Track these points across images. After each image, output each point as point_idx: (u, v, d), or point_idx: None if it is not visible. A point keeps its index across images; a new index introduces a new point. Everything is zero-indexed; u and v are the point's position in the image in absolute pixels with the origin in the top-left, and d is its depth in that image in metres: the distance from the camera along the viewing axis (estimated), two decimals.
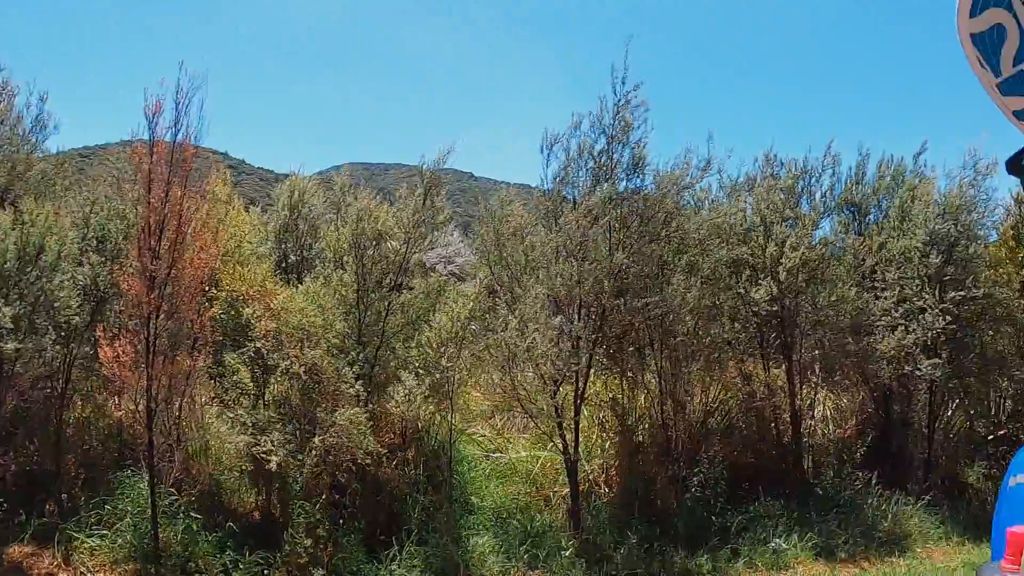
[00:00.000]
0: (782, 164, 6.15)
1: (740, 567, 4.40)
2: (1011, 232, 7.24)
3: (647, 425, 4.73)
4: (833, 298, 5.05)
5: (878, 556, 4.70)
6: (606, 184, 4.23)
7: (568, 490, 4.41)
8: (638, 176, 4.57)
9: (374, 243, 3.91)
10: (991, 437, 6.38)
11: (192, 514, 3.83)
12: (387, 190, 6.11)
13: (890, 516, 5.07)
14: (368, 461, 3.65)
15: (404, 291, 4.09)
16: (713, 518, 4.72)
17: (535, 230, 4.25)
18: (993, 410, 6.75)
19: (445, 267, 6.64)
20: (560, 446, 4.31)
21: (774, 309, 4.73)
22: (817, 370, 5.21)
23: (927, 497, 5.34)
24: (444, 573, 3.95)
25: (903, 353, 5.38)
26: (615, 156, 4.42)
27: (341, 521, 3.91)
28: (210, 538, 3.80)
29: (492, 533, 4.26)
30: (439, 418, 4.27)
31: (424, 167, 4.17)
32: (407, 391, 3.79)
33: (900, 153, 8.04)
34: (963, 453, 6.16)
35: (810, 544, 4.62)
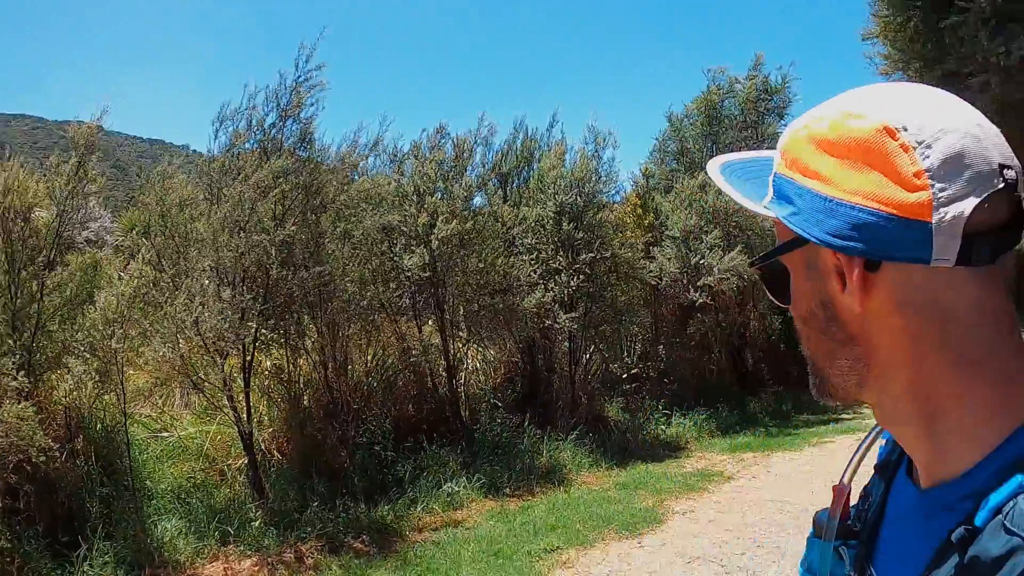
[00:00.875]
0: (449, 137, 8.75)
1: (419, 512, 6.62)
2: (637, 200, 11.13)
3: (313, 390, 6.79)
4: (482, 263, 7.72)
5: (540, 488, 7.49)
6: (276, 158, 6.09)
7: (244, 461, 6.19)
8: (305, 150, 6.56)
9: (22, 217, 5.11)
10: (625, 376, 10.02)
11: None
12: (14, 145, 7.03)
13: (545, 452, 8.09)
14: (42, 458, 4.81)
15: (60, 268, 5.36)
16: (386, 471, 7.03)
17: (201, 202, 5.90)
18: (625, 353, 10.50)
19: (102, 240, 7.73)
20: (232, 418, 6.09)
21: (427, 274, 7.18)
22: (467, 327, 7.87)
23: (575, 432, 8.54)
24: (138, 564, 5.17)
25: (543, 309, 8.39)
26: (286, 131, 6.32)
27: (17, 527, 4.83)
28: None
29: (178, 515, 5.70)
30: (105, 401, 5.65)
31: (78, 129, 5.41)
32: (75, 378, 5.14)
33: (537, 124, 11.53)
34: (602, 392, 9.58)
35: (479, 484, 7.18)
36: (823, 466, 7.59)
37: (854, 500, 0.86)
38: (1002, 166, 0.61)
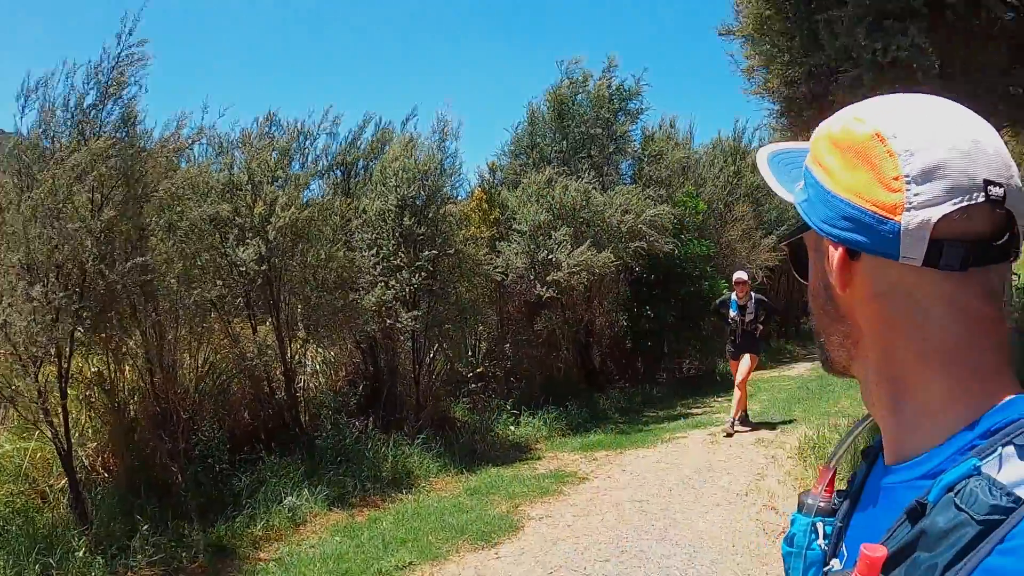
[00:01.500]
0: (281, 125, 8.81)
1: (260, 529, 6.55)
2: (483, 195, 11.63)
3: (139, 399, 6.73)
4: (321, 257, 7.90)
5: (388, 496, 7.67)
6: (94, 140, 5.97)
7: (66, 482, 6.03)
8: (126, 133, 6.47)
9: None
10: (470, 375, 10.45)
11: None
12: None
13: (391, 458, 8.28)
14: None
15: None
16: (221, 485, 7.04)
17: (11, 189, 5.70)
18: (470, 352, 10.95)
19: None
20: (49, 433, 5.92)
21: (262, 268, 7.27)
22: (305, 326, 8.02)
23: (422, 436, 8.85)
24: None
25: (385, 307, 8.64)
26: (106, 112, 6.22)
27: None
28: None
29: None
30: None
31: None
32: None
33: (393, 117, 11.80)
34: (447, 392, 9.97)
35: (323, 496, 7.21)
36: (677, 462, 8.31)
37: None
38: (987, 182, 0.70)
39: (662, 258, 12.90)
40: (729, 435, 9.24)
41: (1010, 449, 0.67)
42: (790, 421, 9.93)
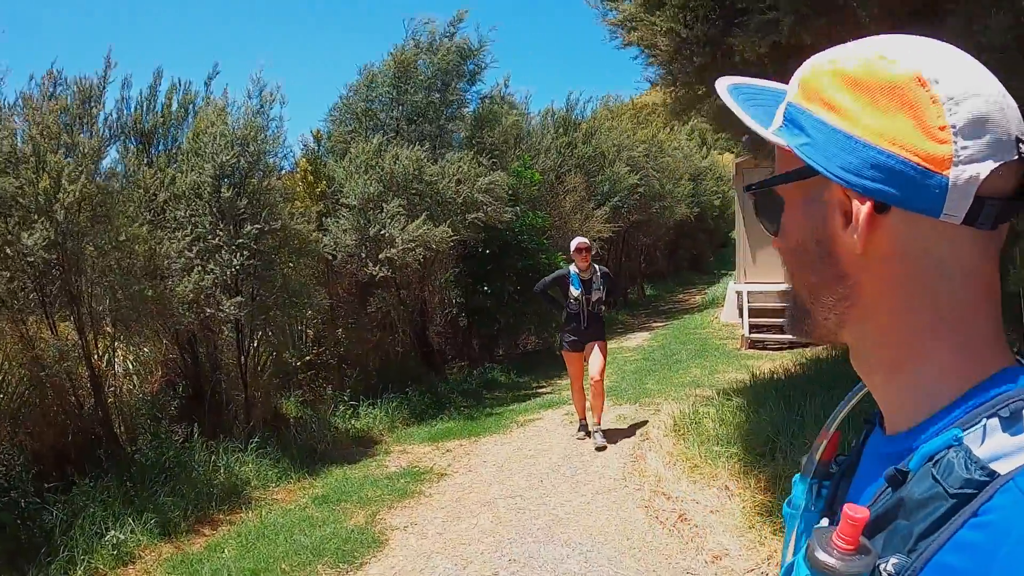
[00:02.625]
0: (67, 84, 7.55)
1: (81, 574, 5.52)
2: (308, 167, 10.77)
3: None
4: (123, 239, 6.84)
5: (225, 515, 6.78)
6: None
7: None
8: None
9: None
10: (299, 364, 9.66)
11: None
12: None
13: (223, 468, 7.39)
14: None
15: None
16: (30, 523, 5.87)
17: None
18: (299, 338, 10.14)
19: None
20: None
21: (54, 256, 6.14)
22: (112, 322, 6.93)
23: (255, 439, 7.98)
24: None
25: (203, 295, 7.67)
26: None
27: None
28: None
29: None
30: None
31: None
32: None
33: (193, 77, 10.57)
34: (277, 386, 9.14)
35: (150, 524, 6.18)
36: (541, 448, 7.96)
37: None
38: (1019, 139, 0.69)
39: (499, 230, 12.57)
40: (601, 448, 7.57)
41: (994, 421, 0.68)
42: (646, 396, 9.87)
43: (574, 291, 7.80)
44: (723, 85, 0.86)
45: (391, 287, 11.41)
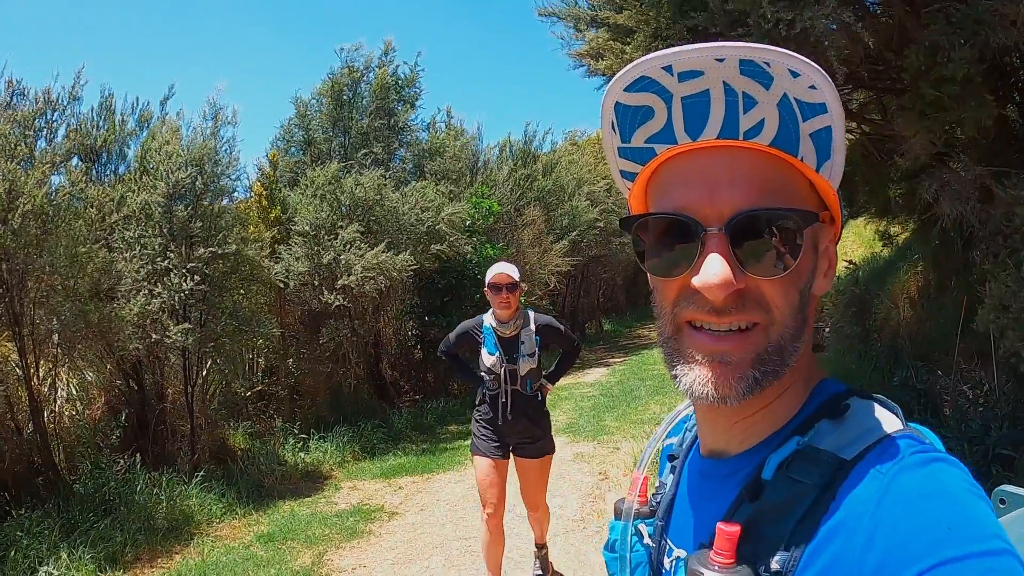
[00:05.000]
0: (26, 95, 7.50)
1: None
2: (263, 192, 10.75)
3: None
4: (72, 258, 6.71)
5: (166, 550, 6.59)
6: None
7: None
8: None
9: None
10: (249, 395, 9.55)
11: None
12: None
13: (166, 501, 7.19)
14: None
15: None
16: None
17: None
18: (249, 368, 10.04)
19: None
20: None
21: None
22: (56, 344, 6.80)
23: (200, 472, 7.85)
24: None
25: (149, 320, 7.56)
26: None
27: None
28: None
29: None
30: None
31: None
32: None
33: (149, 97, 10.54)
34: (225, 416, 9.01)
35: (88, 557, 5.98)
36: None
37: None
38: None
39: (456, 261, 12.65)
40: None
41: (824, 424, 0.81)
42: (604, 434, 9.92)
43: (488, 356, 4.65)
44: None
45: (345, 317, 11.35)
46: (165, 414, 8.22)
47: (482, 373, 4.66)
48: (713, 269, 0.78)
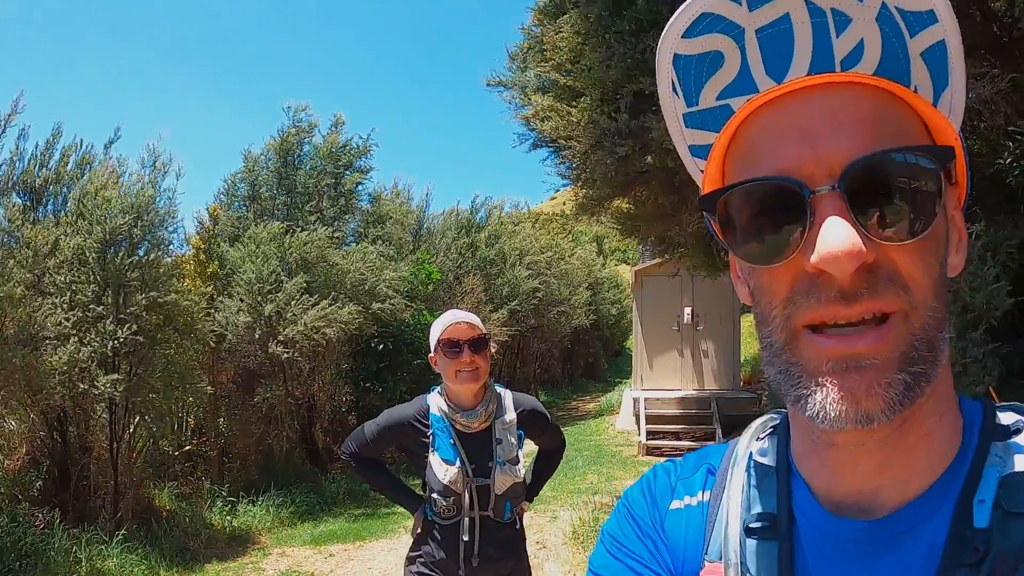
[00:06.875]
0: None
1: None
2: (202, 245, 10.60)
3: None
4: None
5: None
6: None
7: None
8: None
9: None
10: (177, 454, 9.24)
11: None
12: None
13: (84, 560, 6.88)
14: None
15: None
16: None
17: None
18: (178, 426, 9.73)
19: None
20: None
21: None
22: None
23: (123, 531, 7.51)
24: None
25: (77, 368, 7.31)
26: None
27: None
28: None
29: None
30: None
31: None
32: None
33: (93, 139, 10.36)
34: (151, 475, 8.68)
35: None
36: None
37: None
38: None
39: (394, 326, 12.60)
40: None
41: (995, 447, 0.66)
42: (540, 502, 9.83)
43: (441, 467, 2.84)
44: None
45: (279, 379, 11.14)
46: (88, 469, 7.88)
47: (432, 494, 2.85)
48: (835, 236, 0.59)
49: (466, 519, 2.83)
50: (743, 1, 0.64)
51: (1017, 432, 0.66)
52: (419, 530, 3.00)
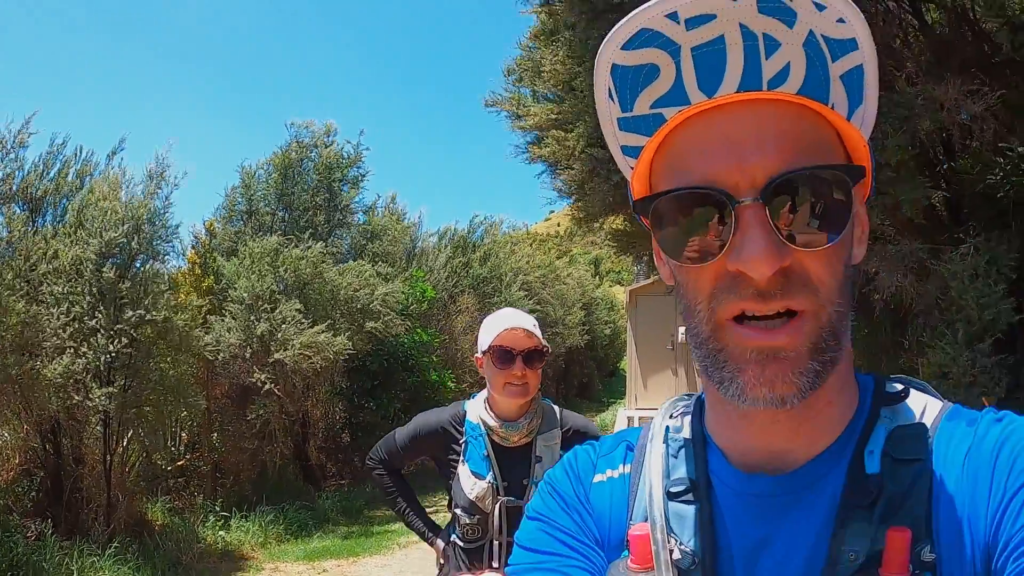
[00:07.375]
0: None
1: None
2: (198, 260, 10.62)
3: None
4: None
5: None
6: None
7: None
8: None
9: None
10: (170, 469, 9.22)
11: None
12: None
13: (76, 573, 6.87)
14: None
15: None
16: None
17: None
18: (171, 440, 9.71)
19: None
20: None
21: None
22: None
23: (115, 544, 7.49)
24: None
25: (72, 380, 7.31)
26: None
27: None
28: None
29: None
30: None
31: None
32: None
33: (95, 148, 10.21)
34: (144, 489, 8.65)
35: None
36: (422, 572, 7.63)
37: None
38: None
39: (389, 344, 12.61)
40: None
41: (885, 410, 0.77)
42: None
43: (469, 480, 2.57)
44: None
45: (274, 394, 11.12)
46: (81, 481, 7.86)
47: (456, 509, 2.60)
48: (755, 244, 0.67)
49: (494, 543, 2.50)
50: (681, 20, 0.69)
51: (904, 397, 0.78)
52: (442, 561, 2.74)
